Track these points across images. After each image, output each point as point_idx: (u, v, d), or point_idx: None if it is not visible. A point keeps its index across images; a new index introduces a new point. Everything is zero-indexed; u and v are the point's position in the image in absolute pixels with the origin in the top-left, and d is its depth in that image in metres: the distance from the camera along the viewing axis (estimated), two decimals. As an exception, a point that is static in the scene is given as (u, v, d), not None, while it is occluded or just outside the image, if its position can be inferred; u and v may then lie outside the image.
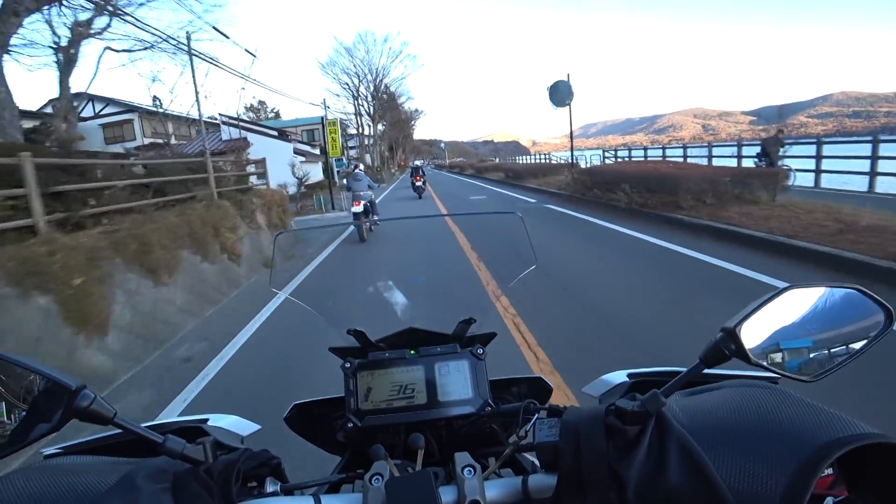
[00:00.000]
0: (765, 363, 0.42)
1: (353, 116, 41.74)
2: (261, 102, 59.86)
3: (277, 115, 52.06)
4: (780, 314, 0.42)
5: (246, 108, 62.23)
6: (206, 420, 0.65)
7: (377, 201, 9.60)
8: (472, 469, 0.45)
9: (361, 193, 8.42)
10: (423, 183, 16.55)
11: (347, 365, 0.68)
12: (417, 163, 21.24)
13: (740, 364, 0.51)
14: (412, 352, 0.69)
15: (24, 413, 0.41)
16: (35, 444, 0.40)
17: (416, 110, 67.10)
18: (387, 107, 48.02)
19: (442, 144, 59.75)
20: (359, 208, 8.11)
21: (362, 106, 40.28)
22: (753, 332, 0.41)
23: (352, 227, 8.25)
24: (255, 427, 0.70)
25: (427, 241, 7.14)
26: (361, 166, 9.89)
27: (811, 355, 0.43)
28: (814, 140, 11.45)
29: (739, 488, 0.34)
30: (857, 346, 0.43)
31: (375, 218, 8.71)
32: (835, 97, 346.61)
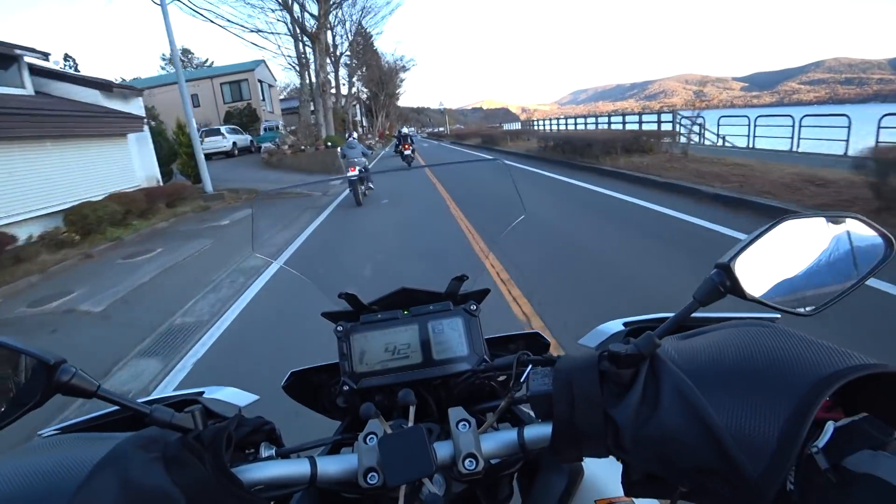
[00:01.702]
0: (761, 298, 0.41)
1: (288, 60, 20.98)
2: (185, 52, 43.89)
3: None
4: (776, 247, 0.41)
5: (164, 59, 42.80)
6: (202, 393, 0.64)
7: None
8: (466, 423, 0.45)
9: (356, 160, 8.95)
10: (413, 152, 15.64)
11: (340, 328, 0.67)
12: (405, 130, 18.66)
13: (738, 308, 0.50)
14: (405, 312, 0.68)
15: (4, 391, 0.41)
16: (17, 420, 0.41)
17: (403, 64, 47.83)
18: (360, 53, 34.04)
19: (441, 106, 46.17)
20: (354, 174, 8.64)
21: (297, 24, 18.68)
22: (749, 267, 0.40)
23: (349, 191, 8.80)
24: (252, 397, 0.69)
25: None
26: (355, 134, 10.53)
27: (810, 288, 0.42)
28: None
29: (737, 425, 0.33)
30: (857, 276, 0.42)
31: (371, 185, 8.94)
32: (827, 63, 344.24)
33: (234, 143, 22.56)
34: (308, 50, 19.34)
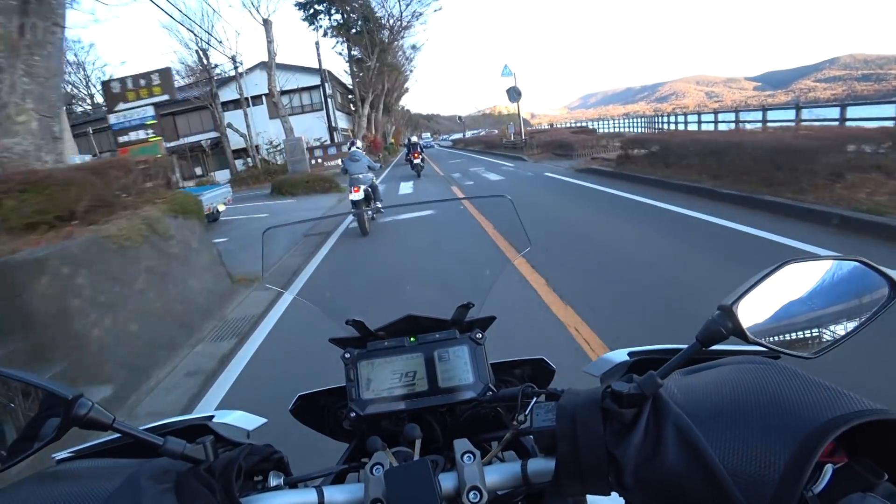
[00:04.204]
0: (763, 340, 0.41)
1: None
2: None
3: None
4: (779, 289, 0.41)
5: None
6: (212, 417, 0.66)
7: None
8: (471, 455, 0.46)
9: (360, 177, 6.93)
10: (422, 161, 15.98)
11: (347, 355, 0.69)
12: (414, 139, 18.02)
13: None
14: (412, 339, 0.69)
15: (23, 425, 0.43)
16: (36, 454, 0.41)
17: (410, 14, 24.99)
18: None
19: (515, 87, 16.28)
20: (358, 195, 6.75)
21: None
22: (751, 309, 0.40)
23: (351, 218, 7.07)
24: (261, 421, 0.71)
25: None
26: (359, 143, 7.87)
27: (811, 331, 0.42)
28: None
29: (738, 468, 0.33)
30: (860, 319, 0.41)
31: (380, 208, 7.28)
32: (842, 60, 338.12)
33: None
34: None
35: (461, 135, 60.78)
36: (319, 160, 18.54)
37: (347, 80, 27.40)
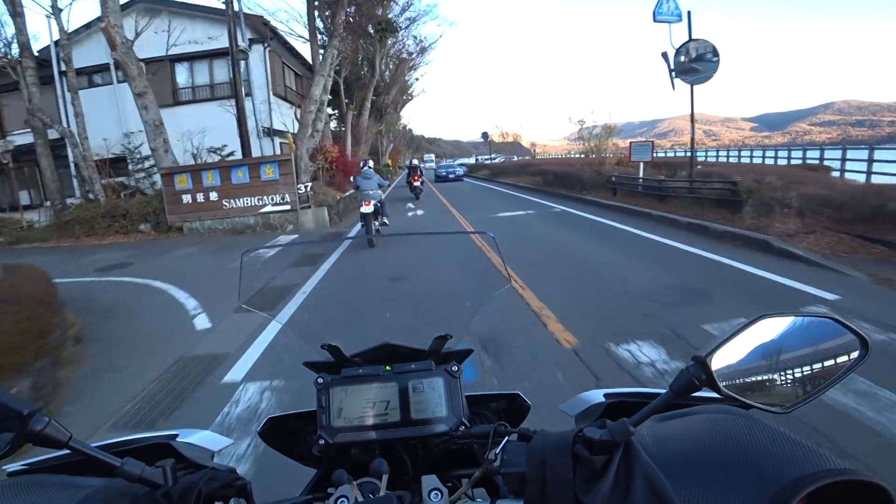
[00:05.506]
0: (735, 394, 0.41)
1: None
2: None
3: None
4: (752, 343, 0.41)
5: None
6: (176, 436, 0.64)
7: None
8: (439, 493, 0.45)
9: (371, 193, 7.68)
10: (422, 183, 16.29)
11: (320, 381, 0.67)
12: (415, 161, 18.02)
13: None
14: (387, 368, 0.68)
15: None
16: None
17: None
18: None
19: (705, 42, 9.10)
20: (368, 208, 7.48)
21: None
22: (725, 362, 0.41)
23: (359, 226, 7.57)
24: (226, 441, 0.69)
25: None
26: (371, 163, 8.45)
27: (783, 385, 0.42)
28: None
29: None
30: (831, 376, 0.41)
31: (386, 221, 8.00)
32: (837, 105, 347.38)
33: None
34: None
35: (474, 159, 49.57)
36: (212, 195, 9.77)
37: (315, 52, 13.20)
